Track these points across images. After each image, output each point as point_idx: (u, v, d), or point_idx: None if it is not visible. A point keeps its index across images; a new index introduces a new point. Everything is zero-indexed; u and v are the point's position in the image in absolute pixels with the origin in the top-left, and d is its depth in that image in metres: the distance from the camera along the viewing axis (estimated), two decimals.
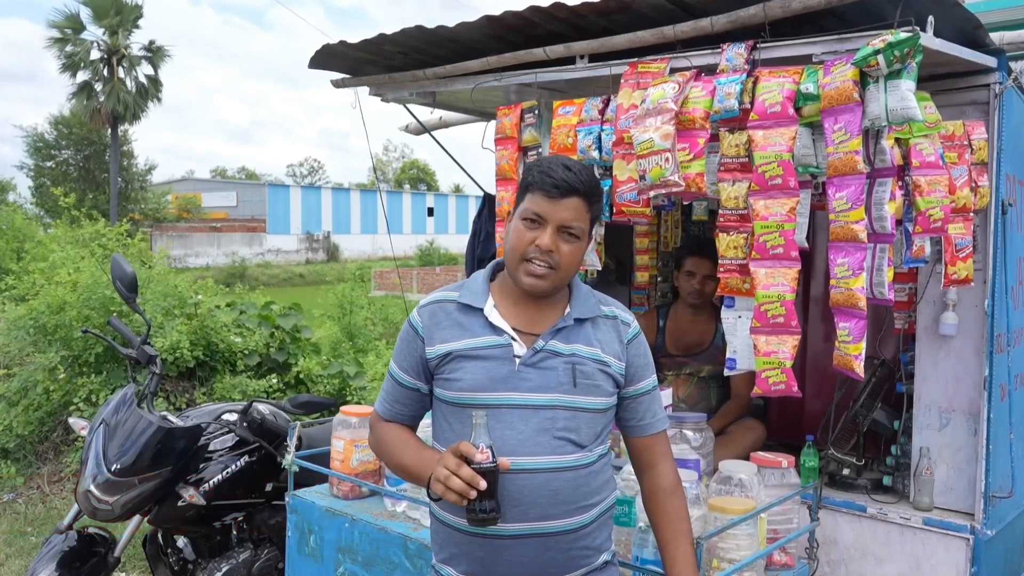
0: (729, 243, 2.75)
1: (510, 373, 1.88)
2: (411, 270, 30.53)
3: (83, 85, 29.99)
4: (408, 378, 1.98)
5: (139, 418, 3.18)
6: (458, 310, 1.95)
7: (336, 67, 3.91)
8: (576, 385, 1.89)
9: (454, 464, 1.73)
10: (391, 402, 2.03)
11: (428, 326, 1.94)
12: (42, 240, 9.86)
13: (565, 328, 1.93)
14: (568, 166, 1.90)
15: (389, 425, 2.04)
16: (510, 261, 1.93)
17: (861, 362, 2.53)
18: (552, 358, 1.90)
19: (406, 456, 1.95)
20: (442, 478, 1.73)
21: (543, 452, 1.85)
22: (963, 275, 2.77)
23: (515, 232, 1.91)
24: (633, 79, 2.93)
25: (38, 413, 5.88)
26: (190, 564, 3.45)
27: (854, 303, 2.50)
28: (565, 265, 1.90)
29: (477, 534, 1.85)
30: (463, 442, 1.76)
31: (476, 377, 1.88)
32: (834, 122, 2.46)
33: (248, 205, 47.17)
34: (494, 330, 1.91)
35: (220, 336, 6.27)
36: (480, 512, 1.73)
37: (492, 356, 1.89)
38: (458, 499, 1.72)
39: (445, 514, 1.92)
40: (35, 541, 4.97)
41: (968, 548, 2.83)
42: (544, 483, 1.85)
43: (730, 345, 2.90)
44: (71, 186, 30.72)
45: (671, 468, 2.05)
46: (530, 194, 1.90)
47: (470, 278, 2.04)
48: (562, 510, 1.87)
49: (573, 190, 1.87)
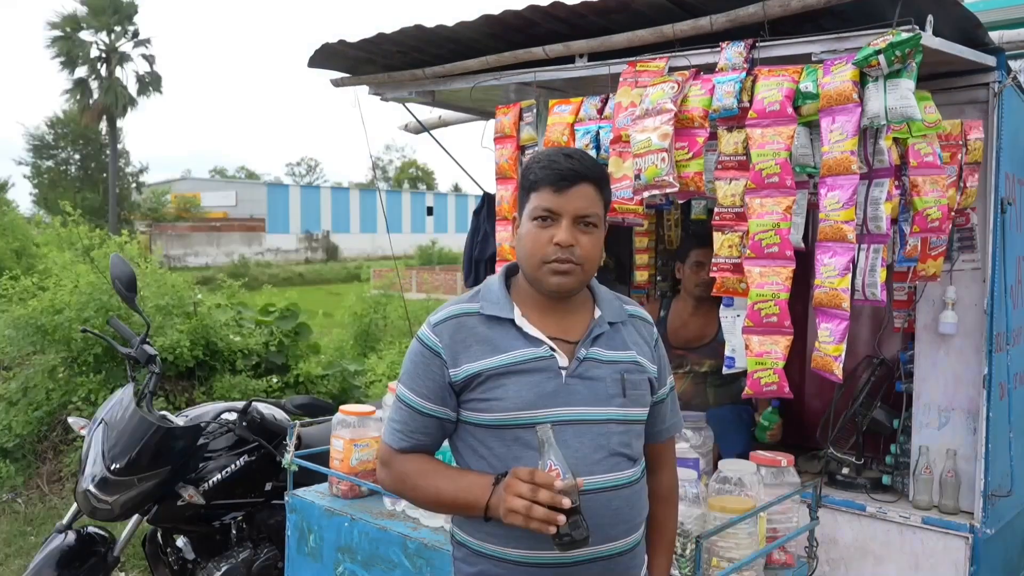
0: (724, 242, 2.75)
1: (558, 387, 1.73)
2: (410, 269, 30.51)
3: (78, 82, 30.06)
4: (431, 406, 1.77)
5: (138, 418, 3.18)
6: (482, 323, 1.78)
7: (335, 66, 3.91)
8: (627, 396, 1.78)
9: (527, 491, 1.57)
10: (409, 433, 1.80)
11: (449, 345, 1.76)
12: (39, 242, 9.83)
13: (603, 333, 1.81)
14: (569, 154, 1.78)
15: (410, 457, 1.81)
16: (530, 267, 1.78)
17: (841, 364, 2.50)
18: (598, 367, 1.77)
19: (443, 487, 1.75)
20: (521, 509, 1.57)
21: (602, 470, 1.73)
22: (931, 272, 2.78)
23: (529, 235, 1.76)
24: (632, 78, 2.93)
25: (37, 413, 5.88)
26: (189, 563, 3.45)
27: (838, 303, 2.48)
28: (588, 258, 1.76)
29: (536, 564, 1.71)
30: (526, 468, 1.61)
31: (521, 394, 1.71)
32: (831, 122, 2.45)
33: (247, 204, 47.14)
34: (530, 341, 1.76)
35: (219, 336, 6.27)
36: (570, 535, 1.57)
37: (535, 370, 1.73)
38: (544, 527, 1.56)
39: (493, 547, 1.74)
40: (34, 541, 4.96)
41: (967, 547, 2.84)
42: (606, 503, 1.73)
43: (728, 344, 2.90)
44: (70, 185, 30.72)
45: (672, 475, 2.01)
46: (536, 192, 1.76)
47: (483, 286, 1.88)
48: (622, 530, 1.76)
49: (581, 177, 1.74)
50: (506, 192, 3.44)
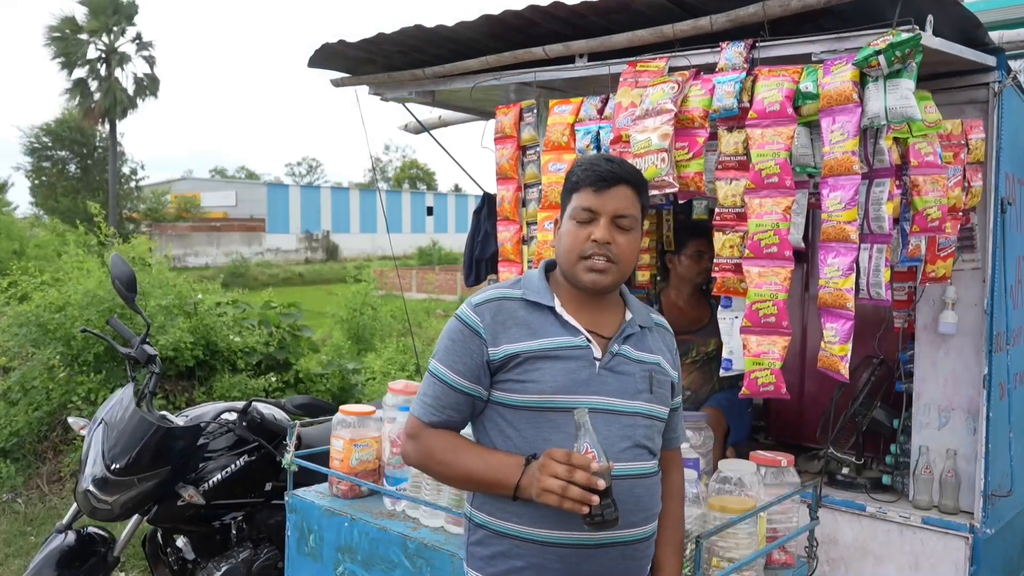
0: (725, 242, 2.75)
1: (591, 376, 1.82)
2: (410, 269, 30.52)
3: (77, 82, 30.06)
4: (465, 383, 1.83)
5: (138, 417, 3.18)
6: (523, 308, 1.86)
7: (335, 66, 3.91)
8: (653, 392, 1.88)
9: (564, 471, 1.64)
10: (440, 408, 1.86)
11: (491, 325, 1.83)
12: (39, 243, 9.84)
13: (633, 334, 1.91)
14: (610, 159, 1.89)
15: (439, 432, 1.87)
16: (567, 263, 1.87)
17: (847, 363, 2.52)
18: (627, 363, 1.87)
19: (473, 464, 1.80)
20: (557, 489, 1.64)
21: (628, 458, 1.81)
22: (941, 273, 2.78)
23: (568, 233, 1.86)
24: (632, 78, 2.93)
25: (37, 412, 5.88)
26: (189, 563, 3.45)
27: (842, 303, 2.49)
28: (624, 257, 1.85)
29: (559, 544, 1.77)
30: (562, 450, 1.67)
31: (556, 378, 1.79)
32: (832, 122, 2.45)
33: (247, 204, 47.15)
34: (569, 330, 1.85)
35: (220, 335, 6.27)
36: (602, 515, 1.64)
37: (572, 356, 1.82)
38: (578, 507, 1.63)
39: (517, 527, 1.80)
40: (34, 541, 4.96)
41: (967, 547, 2.84)
42: (629, 489, 1.80)
43: (726, 346, 2.90)
44: (68, 186, 30.74)
45: (681, 478, 2.10)
46: (577, 193, 1.86)
47: (524, 276, 1.98)
48: (641, 517, 1.84)
49: (620, 179, 1.85)
50: (507, 192, 3.44)
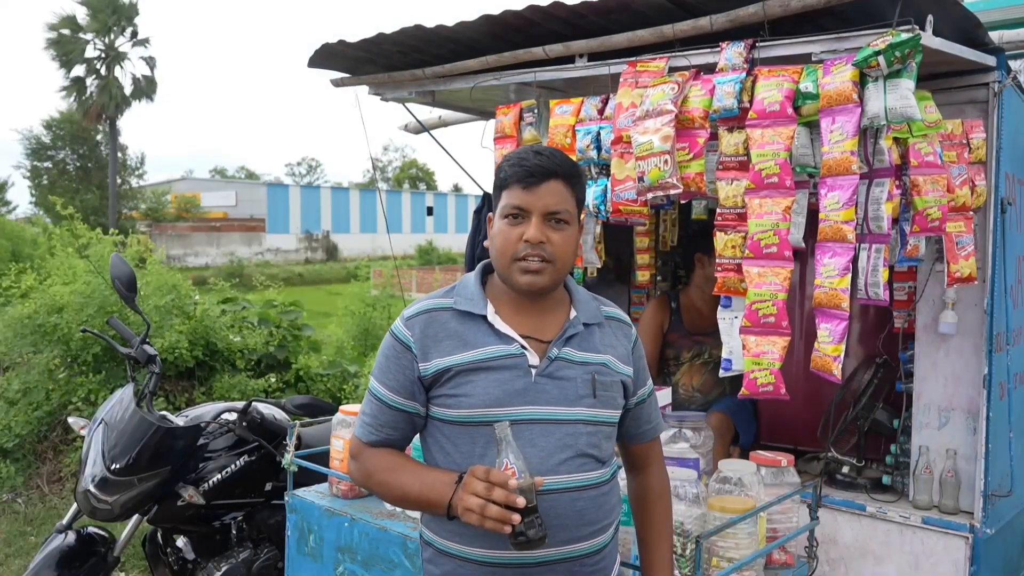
0: (727, 242, 2.75)
1: (527, 385, 1.72)
2: (410, 269, 30.51)
3: (75, 80, 30.07)
4: (399, 399, 1.78)
5: (138, 418, 3.18)
6: (455, 319, 1.77)
7: (335, 66, 3.90)
8: (596, 397, 1.77)
9: (483, 489, 1.56)
10: (378, 427, 1.81)
11: (420, 339, 1.75)
12: (40, 241, 9.82)
13: (576, 334, 1.79)
14: (539, 151, 1.77)
15: (378, 451, 1.81)
16: (501, 265, 1.77)
17: (839, 364, 2.50)
18: (568, 367, 1.76)
19: (409, 483, 1.73)
20: (476, 507, 1.56)
21: (568, 470, 1.72)
22: (966, 273, 2.76)
23: (500, 233, 1.76)
24: (632, 78, 2.93)
25: (37, 413, 5.87)
26: (189, 563, 3.45)
27: (837, 303, 2.49)
28: (559, 256, 1.74)
29: (499, 564, 1.69)
30: (482, 467, 1.60)
31: (489, 391, 1.70)
32: (831, 122, 2.45)
33: (247, 204, 47.15)
34: (501, 338, 1.75)
35: (219, 336, 6.27)
36: (525, 534, 1.55)
37: (504, 367, 1.72)
38: (499, 526, 1.55)
39: (458, 546, 1.73)
40: (34, 541, 4.96)
41: (967, 547, 2.84)
42: (570, 503, 1.72)
43: (726, 346, 2.90)
44: (68, 185, 30.72)
45: (663, 470, 2.01)
46: (507, 190, 1.76)
47: (459, 282, 1.88)
48: (587, 531, 1.75)
49: (551, 173, 1.73)
50: None
